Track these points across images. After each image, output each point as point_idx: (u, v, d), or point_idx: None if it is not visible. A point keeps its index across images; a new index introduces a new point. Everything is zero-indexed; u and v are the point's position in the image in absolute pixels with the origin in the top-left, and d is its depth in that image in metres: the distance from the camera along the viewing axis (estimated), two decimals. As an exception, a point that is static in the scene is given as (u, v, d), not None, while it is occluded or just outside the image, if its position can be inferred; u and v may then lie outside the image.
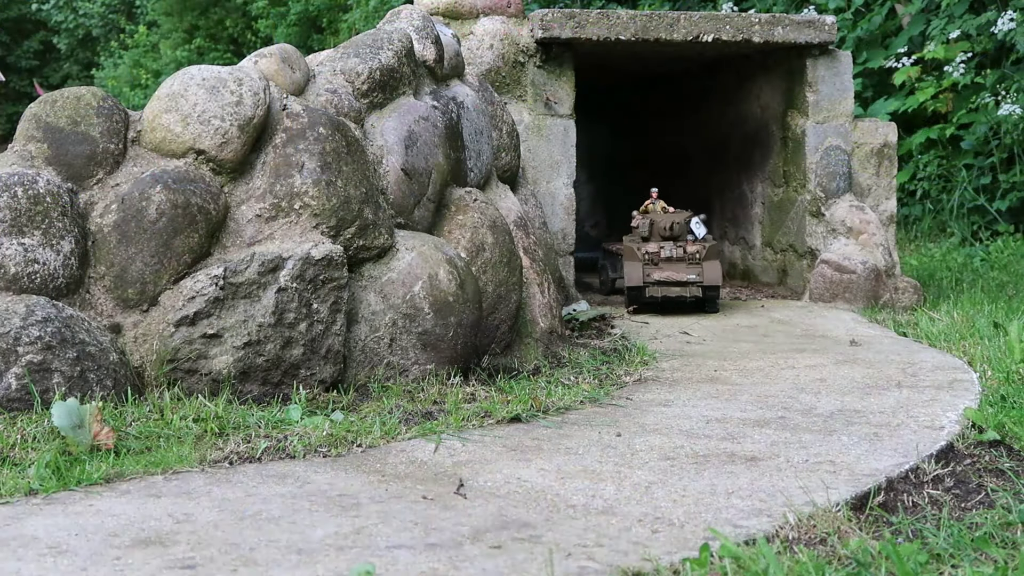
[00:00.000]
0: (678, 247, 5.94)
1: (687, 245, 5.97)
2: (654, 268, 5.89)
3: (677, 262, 5.91)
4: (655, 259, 5.93)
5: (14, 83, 29.32)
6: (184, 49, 22.99)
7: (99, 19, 29.66)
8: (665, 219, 6.05)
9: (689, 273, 5.85)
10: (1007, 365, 4.22)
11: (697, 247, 5.94)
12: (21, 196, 3.67)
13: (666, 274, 5.86)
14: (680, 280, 5.84)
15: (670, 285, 5.87)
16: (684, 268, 5.86)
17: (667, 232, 6.02)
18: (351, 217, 4.11)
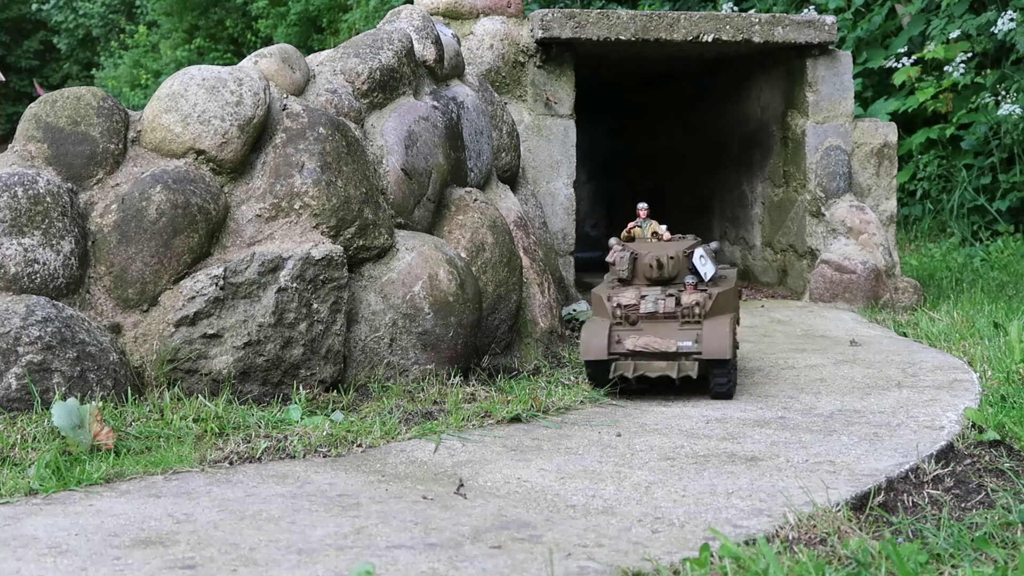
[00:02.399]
0: (668, 296, 3.97)
1: (684, 293, 3.97)
2: (628, 331, 3.93)
3: (666, 320, 3.93)
4: (631, 315, 3.95)
5: (14, 83, 29.33)
6: (184, 49, 23.00)
7: (99, 19, 29.67)
8: (653, 252, 4.10)
9: (681, 339, 3.87)
10: (1007, 365, 4.22)
11: (697, 297, 3.93)
12: (21, 196, 3.67)
13: (644, 341, 3.88)
14: (665, 351, 3.87)
15: (650, 357, 3.89)
16: (675, 330, 3.90)
17: (655, 271, 4.07)
18: (351, 217, 4.11)
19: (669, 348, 3.88)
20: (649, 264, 4.10)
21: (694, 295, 3.94)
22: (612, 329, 3.94)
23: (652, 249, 4.15)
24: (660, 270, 4.08)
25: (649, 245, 4.22)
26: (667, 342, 3.89)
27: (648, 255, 4.11)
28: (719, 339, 3.83)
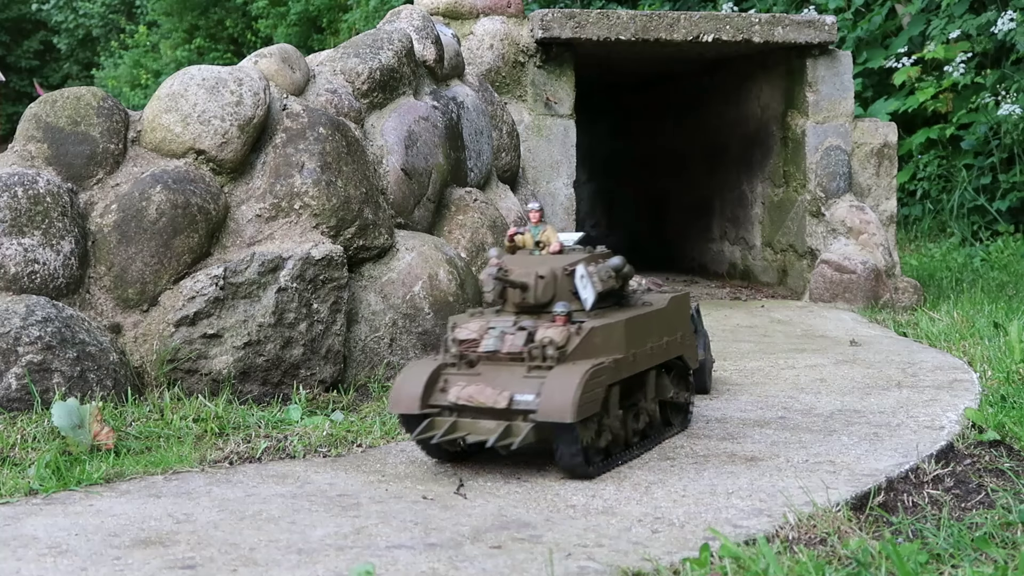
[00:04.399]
0: (520, 330, 3.05)
1: (542, 326, 3.05)
2: (461, 375, 3.01)
3: (510, 363, 3.00)
4: (469, 355, 3.05)
5: (14, 83, 29.33)
6: (184, 49, 23.01)
7: (99, 19, 29.67)
8: (525, 268, 3.16)
9: (522, 390, 2.91)
10: (1007, 365, 4.22)
11: (555, 333, 2.99)
12: (21, 196, 3.67)
13: (470, 391, 2.95)
14: (493, 406, 2.92)
15: (476, 414, 2.95)
16: (518, 378, 2.95)
17: (519, 294, 3.13)
18: (351, 217, 4.11)
19: (499, 403, 2.89)
20: (511, 285, 3.11)
21: (552, 330, 2.98)
22: (441, 372, 3.02)
23: (524, 265, 3.15)
24: (524, 293, 3.09)
25: (527, 259, 3.21)
26: (499, 394, 2.91)
27: (518, 272, 3.13)
28: (561, 394, 2.81)
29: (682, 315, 3.53)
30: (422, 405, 2.98)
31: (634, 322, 3.16)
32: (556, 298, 3.12)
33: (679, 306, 3.51)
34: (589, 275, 3.14)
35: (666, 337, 3.35)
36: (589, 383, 2.87)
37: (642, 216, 10.10)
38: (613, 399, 3.07)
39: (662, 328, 3.34)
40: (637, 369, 3.15)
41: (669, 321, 3.39)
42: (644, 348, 3.20)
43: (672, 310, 3.43)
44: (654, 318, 3.30)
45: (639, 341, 3.17)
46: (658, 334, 3.30)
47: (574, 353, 2.97)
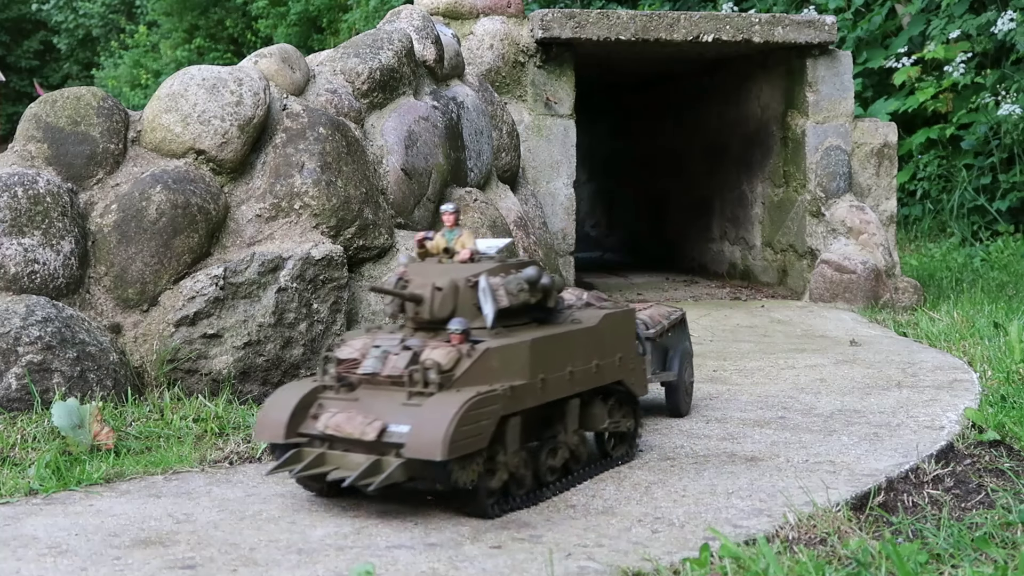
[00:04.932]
0: (405, 350, 2.72)
1: (429, 346, 2.72)
2: (337, 401, 2.70)
3: (391, 387, 2.67)
4: (346, 379, 2.73)
5: (14, 83, 29.34)
6: (184, 49, 23.01)
7: (99, 19, 29.68)
8: (425, 279, 2.84)
9: (396, 420, 2.58)
10: (1007, 365, 4.22)
11: (442, 354, 2.66)
12: (21, 196, 3.67)
13: (338, 420, 2.63)
14: (360, 438, 2.60)
15: (345, 445, 2.64)
16: (396, 406, 2.62)
17: (412, 308, 2.84)
18: (351, 217, 4.11)
19: (367, 434, 2.57)
20: (404, 298, 2.83)
21: (438, 351, 2.66)
22: (317, 395, 2.73)
23: (426, 275, 2.84)
24: (418, 306, 2.80)
25: (433, 268, 2.89)
26: (369, 424, 2.59)
27: (417, 282, 2.84)
28: (432, 427, 2.48)
29: (623, 335, 3.12)
30: (288, 433, 2.68)
31: (546, 343, 2.78)
32: (456, 313, 2.77)
33: (618, 325, 3.09)
34: (493, 288, 2.79)
35: (596, 360, 2.95)
36: (469, 415, 2.51)
37: (642, 216, 10.10)
38: (512, 432, 2.67)
39: (591, 349, 2.94)
40: (550, 397, 2.78)
41: (602, 342, 2.99)
42: (561, 373, 2.81)
43: (606, 329, 3.02)
44: (579, 338, 2.91)
45: (554, 365, 2.79)
46: (585, 357, 2.91)
47: (464, 378, 2.62)
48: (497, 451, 2.65)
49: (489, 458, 2.64)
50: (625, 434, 3.17)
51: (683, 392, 3.72)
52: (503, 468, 2.67)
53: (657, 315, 3.74)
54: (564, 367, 2.84)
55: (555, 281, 2.95)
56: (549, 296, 2.94)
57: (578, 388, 2.91)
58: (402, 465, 2.53)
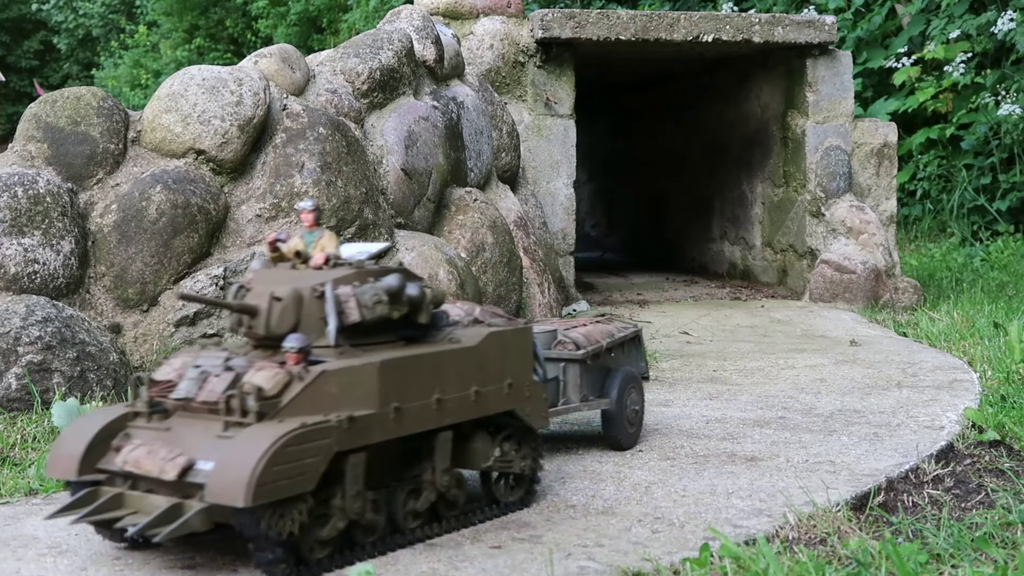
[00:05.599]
0: (227, 371, 2.36)
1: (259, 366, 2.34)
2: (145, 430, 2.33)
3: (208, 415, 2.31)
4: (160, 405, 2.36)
5: (14, 83, 29.34)
6: (184, 49, 23.01)
7: (99, 19, 29.68)
8: (266, 288, 2.49)
9: (204, 455, 2.22)
10: (1007, 365, 4.22)
11: (266, 377, 2.30)
12: (21, 196, 3.67)
13: (136, 456, 2.27)
14: (160, 477, 2.23)
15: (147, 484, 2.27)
16: (208, 438, 2.26)
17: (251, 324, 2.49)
18: (351, 217, 4.11)
19: (166, 472, 2.20)
20: (235, 310, 2.48)
21: (263, 374, 2.29)
22: (126, 423, 2.35)
23: (270, 283, 2.49)
24: (253, 320, 2.45)
25: (281, 275, 2.55)
26: (170, 460, 2.22)
27: (255, 292, 2.49)
28: (237, 467, 2.12)
29: (514, 357, 2.68)
30: (83, 469, 2.28)
31: (404, 365, 2.40)
32: (300, 328, 2.41)
33: (507, 345, 2.66)
34: (342, 299, 2.44)
35: (477, 386, 2.55)
36: (287, 451, 2.14)
37: (642, 216, 10.10)
38: (354, 472, 2.30)
39: (470, 374, 2.54)
40: (408, 430, 2.39)
41: (484, 365, 2.58)
42: (425, 401, 2.43)
43: (491, 350, 2.60)
44: (452, 360, 2.51)
45: (415, 391, 2.41)
46: (460, 382, 2.51)
47: (293, 406, 2.24)
48: (332, 494, 2.26)
49: (322, 502, 2.25)
50: (521, 475, 2.71)
51: (624, 422, 3.28)
52: (340, 514, 2.28)
53: (596, 333, 3.31)
54: (429, 394, 2.44)
55: (430, 292, 2.56)
56: (419, 310, 2.52)
57: (450, 419, 2.50)
58: (203, 511, 2.14)
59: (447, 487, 2.53)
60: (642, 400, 3.39)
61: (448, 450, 2.54)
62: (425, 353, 2.47)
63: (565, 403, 3.18)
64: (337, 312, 2.41)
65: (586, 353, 3.20)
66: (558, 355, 3.17)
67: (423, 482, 2.49)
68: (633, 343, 3.50)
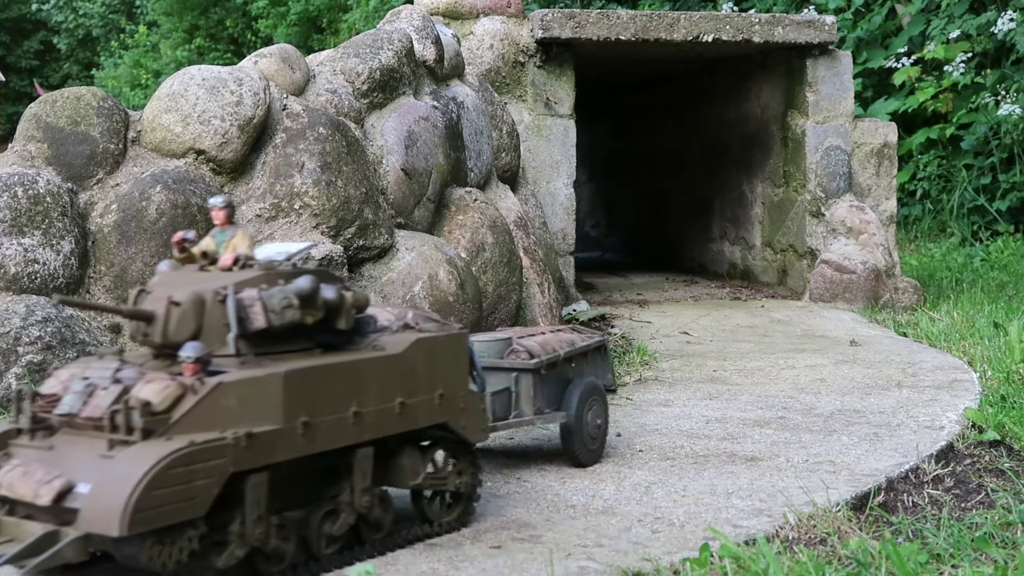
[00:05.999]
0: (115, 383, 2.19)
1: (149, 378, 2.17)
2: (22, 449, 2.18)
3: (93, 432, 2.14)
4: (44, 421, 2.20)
5: (14, 83, 29.34)
6: (184, 49, 23.01)
7: (99, 19, 29.68)
8: (167, 291, 2.33)
9: (82, 477, 2.05)
10: (1007, 365, 4.22)
11: (158, 389, 2.12)
12: (21, 196, 3.67)
13: (11, 478, 2.11)
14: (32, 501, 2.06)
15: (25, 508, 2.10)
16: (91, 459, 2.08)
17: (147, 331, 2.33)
18: (351, 217, 4.11)
19: (40, 497, 2.02)
20: (131, 316, 2.33)
21: (152, 386, 2.11)
22: (7, 441, 2.18)
23: (171, 286, 2.33)
24: (149, 327, 2.29)
25: (186, 277, 2.38)
26: (46, 483, 2.04)
27: (153, 296, 2.32)
28: (112, 492, 1.95)
29: (447, 365, 2.51)
30: None
31: (314, 375, 2.22)
32: (201, 336, 2.24)
33: (438, 352, 2.49)
34: (246, 303, 2.25)
35: (402, 397, 2.38)
36: (170, 474, 1.96)
37: (642, 216, 10.10)
38: (255, 493, 2.13)
39: (394, 384, 2.37)
40: (320, 447, 2.22)
41: (412, 374, 2.41)
42: (341, 415, 2.26)
43: (419, 358, 2.43)
44: (372, 369, 2.33)
45: (328, 404, 2.24)
46: (382, 393, 2.35)
47: (185, 422, 2.07)
48: (231, 518, 2.10)
49: (218, 527, 2.09)
50: (458, 493, 2.57)
51: (584, 437, 3.11)
52: (239, 541, 2.11)
53: (554, 342, 3.14)
54: (346, 407, 2.26)
55: (349, 296, 2.37)
56: (338, 314, 2.34)
57: (370, 434, 2.33)
58: (79, 540, 1.96)
59: (368, 508, 2.36)
60: (606, 414, 3.20)
61: (369, 467, 2.36)
62: (340, 362, 2.28)
63: (517, 416, 2.97)
64: (239, 318, 2.23)
65: (540, 362, 3.01)
66: (510, 364, 2.96)
67: (341, 503, 2.32)
68: (598, 353, 3.31)
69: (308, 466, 2.27)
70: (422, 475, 2.49)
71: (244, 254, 2.39)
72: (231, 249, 2.41)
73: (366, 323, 2.48)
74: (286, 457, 2.16)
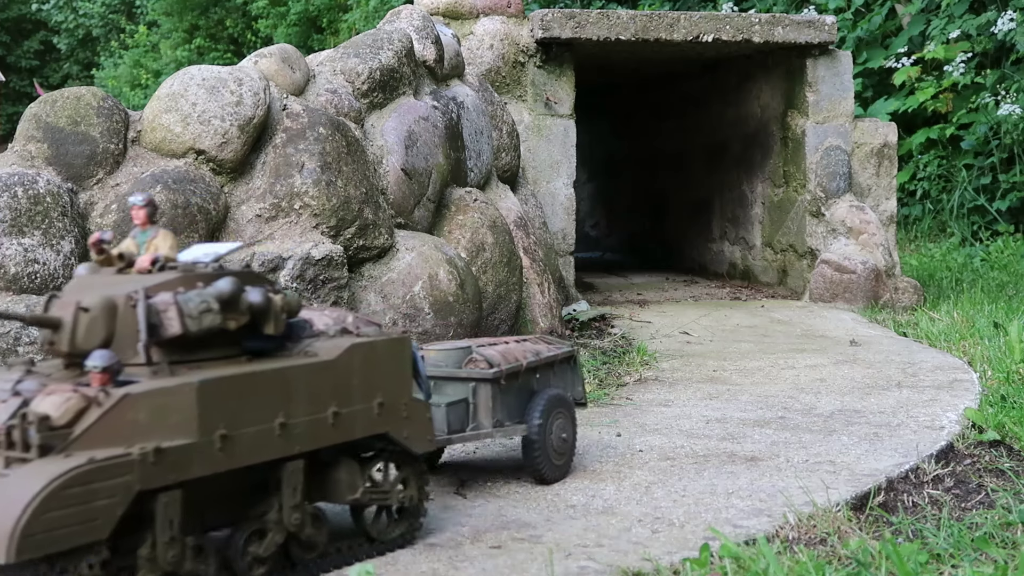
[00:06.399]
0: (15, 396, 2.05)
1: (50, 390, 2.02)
2: None
3: None
4: None
5: (14, 83, 29.35)
6: (184, 49, 23.02)
7: (99, 19, 29.69)
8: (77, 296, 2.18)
9: None
10: (1007, 365, 4.22)
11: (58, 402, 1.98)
12: (21, 196, 3.67)
13: None
14: None
15: None
16: None
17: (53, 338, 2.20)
18: (351, 217, 4.11)
19: None
20: (36, 323, 2.19)
21: (53, 398, 1.98)
22: None
23: (82, 291, 2.20)
24: (56, 334, 2.16)
25: (100, 281, 2.26)
26: None
27: (62, 303, 2.18)
28: (3, 513, 1.83)
29: (387, 372, 2.36)
30: None
31: (233, 385, 2.07)
32: (113, 343, 2.10)
33: (377, 358, 2.34)
34: (159, 308, 2.11)
35: (336, 407, 2.23)
36: (63, 494, 1.83)
37: (642, 216, 10.10)
38: (167, 513, 1.99)
39: (327, 393, 2.22)
40: (240, 461, 2.07)
41: (346, 382, 2.26)
42: (265, 427, 2.11)
43: (355, 364, 2.28)
44: (304, 377, 2.18)
45: (249, 415, 2.08)
46: (313, 403, 2.19)
47: (89, 437, 1.93)
48: (140, 541, 1.97)
49: (126, 551, 1.96)
50: (404, 508, 2.42)
51: (548, 451, 2.94)
52: (149, 566, 1.97)
53: (517, 351, 2.98)
54: (271, 418, 2.11)
55: (278, 299, 2.22)
56: (266, 319, 2.19)
57: (300, 447, 2.17)
58: None
59: (299, 526, 2.19)
60: (573, 427, 3.04)
61: (299, 482, 2.19)
62: (265, 370, 2.11)
63: (475, 428, 2.84)
64: (152, 324, 2.07)
65: (499, 372, 2.85)
66: (467, 374, 2.84)
67: (268, 522, 2.16)
68: (567, 364, 3.15)
69: (232, 482, 2.10)
70: (360, 489, 2.33)
71: (164, 255, 2.26)
72: (152, 250, 2.28)
73: (300, 328, 2.33)
74: (202, 473, 2.01)
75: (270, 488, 2.17)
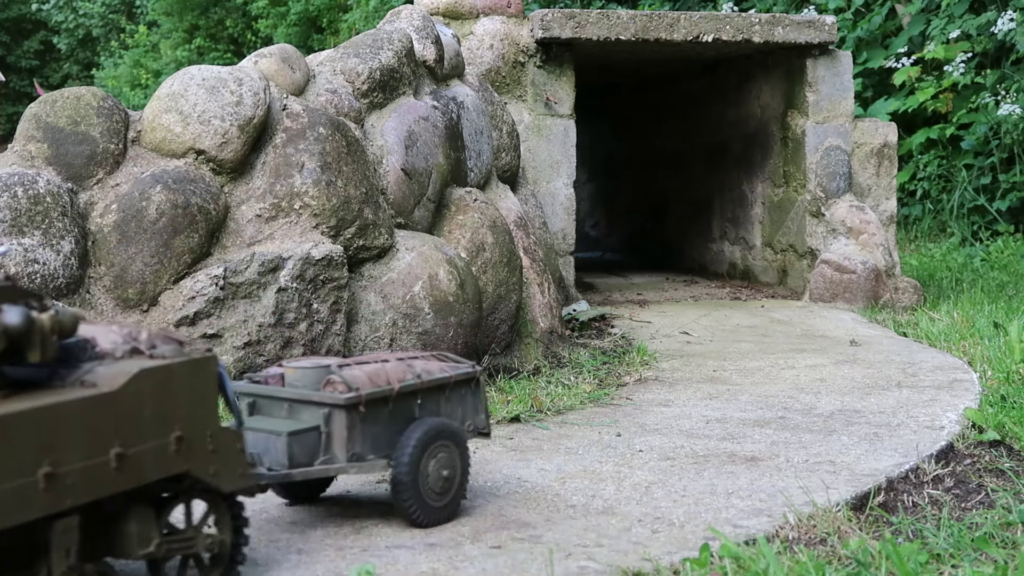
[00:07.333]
0: None
1: None
2: None
3: None
4: None
5: (14, 83, 29.35)
6: (184, 49, 23.03)
7: (99, 19, 29.70)
8: None
9: None
10: (1007, 365, 4.22)
11: None
12: (21, 196, 3.67)
13: None
14: None
15: None
16: None
17: None
18: (351, 217, 4.11)
19: None
20: None
21: None
22: None
23: None
24: None
25: None
26: None
27: None
28: None
29: (185, 400, 1.97)
30: None
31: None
32: None
33: (170, 386, 1.92)
34: None
35: (120, 447, 1.79)
36: None
37: (642, 216, 10.10)
38: None
39: (109, 431, 1.78)
40: None
41: (134, 416, 1.83)
42: (22, 481, 1.64)
43: (144, 395, 1.85)
44: (74, 415, 1.72)
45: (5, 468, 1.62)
46: (92, 445, 1.75)
47: None
48: None
49: None
50: (218, 555, 2.06)
51: (422, 492, 2.49)
52: None
53: (394, 372, 2.50)
54: (31, 470, 1.65)
55: (44, 318, 1.76)
56: (28, 343, 1.74)
57: (72, 500, 1.72)
58: None
59: None
60: (462, 463, 2.57)
61: (74, 542, 1.75)
62: (20, 411, 1.63)
63: (326, 461, 2.40)
64: None
65: (355, 397, 2.38)
66: (319, 398, 2.39)
67: None
68: (464, 389, 2.64)
69: None
70: (155, 541, 1.91)
71: None
72: None
73: (80, 349, 1.89)
74: None
75: (38, 551, 1.73)
